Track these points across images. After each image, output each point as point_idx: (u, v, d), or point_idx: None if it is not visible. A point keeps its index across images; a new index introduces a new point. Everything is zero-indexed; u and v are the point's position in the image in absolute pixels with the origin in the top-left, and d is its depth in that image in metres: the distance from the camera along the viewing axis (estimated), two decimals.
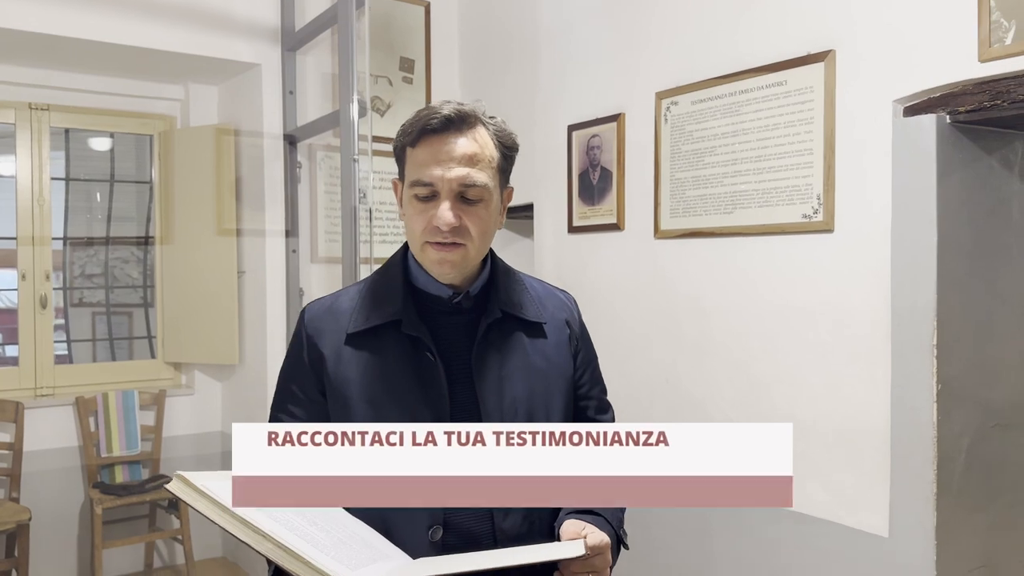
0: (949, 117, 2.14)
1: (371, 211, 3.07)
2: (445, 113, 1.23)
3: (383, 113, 3.85)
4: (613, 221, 3.11)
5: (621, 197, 3.08)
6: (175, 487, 1.06)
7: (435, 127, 1.23)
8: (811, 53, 2.41)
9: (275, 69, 3.77)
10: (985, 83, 2.02)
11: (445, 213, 1.22)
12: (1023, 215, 2.34)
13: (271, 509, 1.06)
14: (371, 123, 3.21)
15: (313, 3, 3.69)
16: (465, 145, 1.24)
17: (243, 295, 4.01)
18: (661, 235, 2.91)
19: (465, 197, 1.24)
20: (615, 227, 3.11)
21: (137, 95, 4.14)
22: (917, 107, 2.18)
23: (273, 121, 3.77)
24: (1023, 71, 1.94)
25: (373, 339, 1.30)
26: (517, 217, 3.70)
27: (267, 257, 3.79)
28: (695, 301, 2.79)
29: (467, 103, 1.27)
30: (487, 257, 1.36)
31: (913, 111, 2.18)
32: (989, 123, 2.17)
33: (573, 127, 3.29)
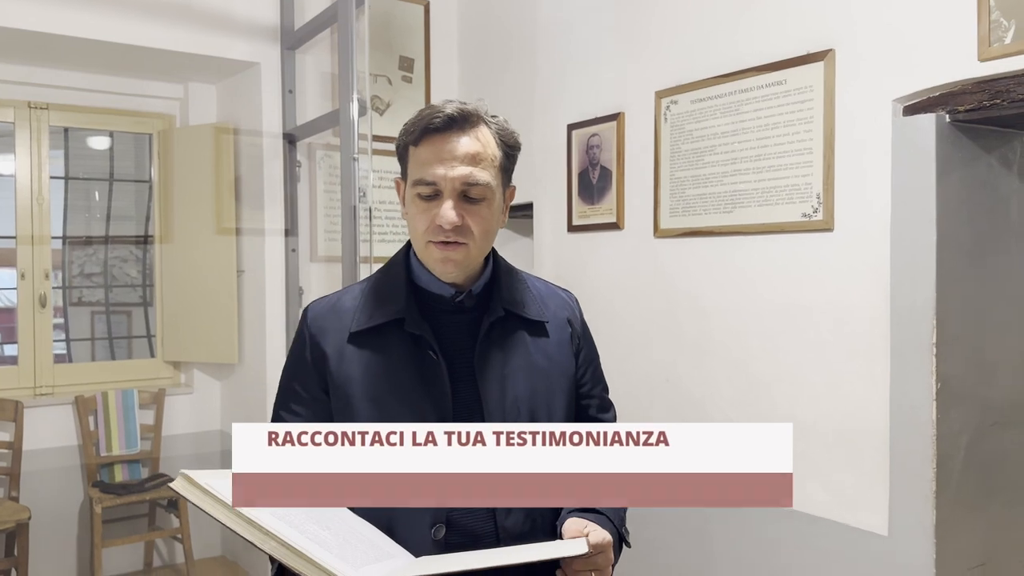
0: (948, 116, 2.15)
1: (371, 210, 3.07)
2: (448, 112, 1.23)
3: (382, 112, 3.85)
4: (613, 220, 3.11)
5: (621, 196, 3.08)
6: (179, 486, 1.06)
7: (438, 126, 1.23)
8: (811, 52, 2.41)
9: (274, 68, 3.77)
10: (984, 82, 2.03)
11: (448, 212, 1.22)
12: (1022, 214, 2.34)
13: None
14: (371, 122, 3.21)
15: (312, 2, 3.69)
16: (468, 144, 1.24)
17: (242, 294, 4.01)
18: (661, 234, 2.91)
19: (468, 196, 1.24)
20: (615, 226, 3.11)
21: (136, 94, 4.14)
22: (916, 106, 2.18)
23: (272, 120, 3.77)
24: (1022, 70, 1.94)
25: (376, 338, 1.30)
26: (516, 216, 3.70)
27: (266, 256, 3.79)
28: (695, 300, 2.80)
29: (470, 102, 1.27)
30: (489, 256, 1.36)
31: (912, 110, 2.19)
32: (988, 122, 2.17)
33: (573, 126, 3.29)
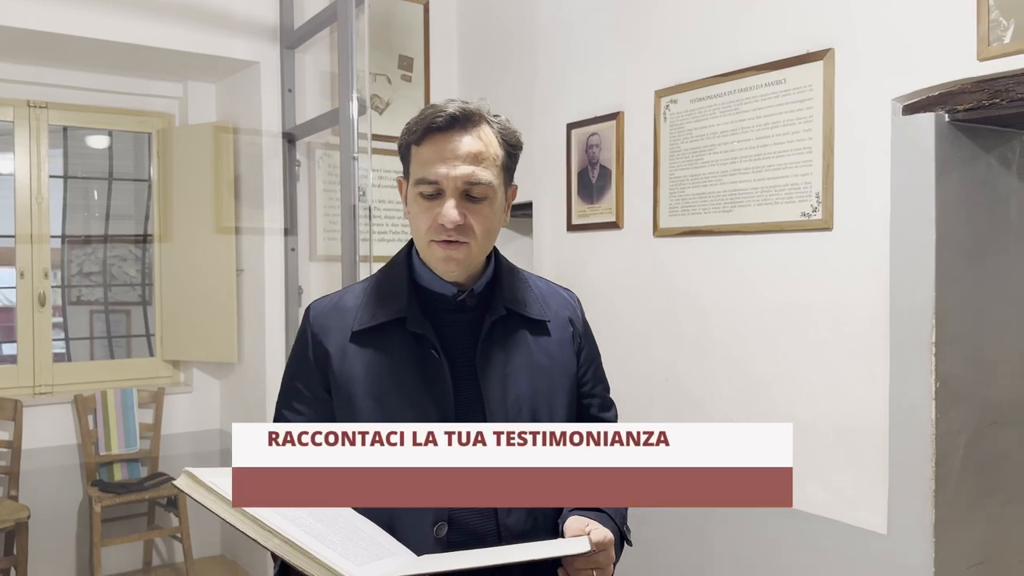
0: (948, 116, 2.15)
1: (370, 209, 3.07)
2: (450, 111, 1.24)
3: (382, 111, 3.85)
4: (612, 219, 3.12)
5: (620, 195, 3.09)
6: (183, 483, 1.07)
7: (440, 125, 1.23)
8: (810, 52, 2.41)
9: (274, 67, 3.77)
10: (983, 82, 2.03)
11: (450, 211, 1.23)
12: (1021, 213, 2.35)
13: None
14: (370, 121, 3.21)
15: (312, 1, 3.69)
16: (470, 143, 1.24)
17: (242, 293, 4.01)
18: (660, 233, 2.91)
19: (470, 195, 1.25)
20: (614, 225, 3.11)
21: (135, 93, 4.13)
22: (916, 105, 2.18)
23: (272, 119, 3.77)
24: (1021, 70, 1.95)
25: (378, 337, 1.30)
26: (516, 215, 3.70)
27: (266, 255, 3.79)
28: (694, 299, 2.80)
29: (472, 101, 1.28)
30: (491, 255, 1.36)
31: (912, 109, 2.19)
32: (987, 121, 2.18)
33: (572, 125, 3.29)
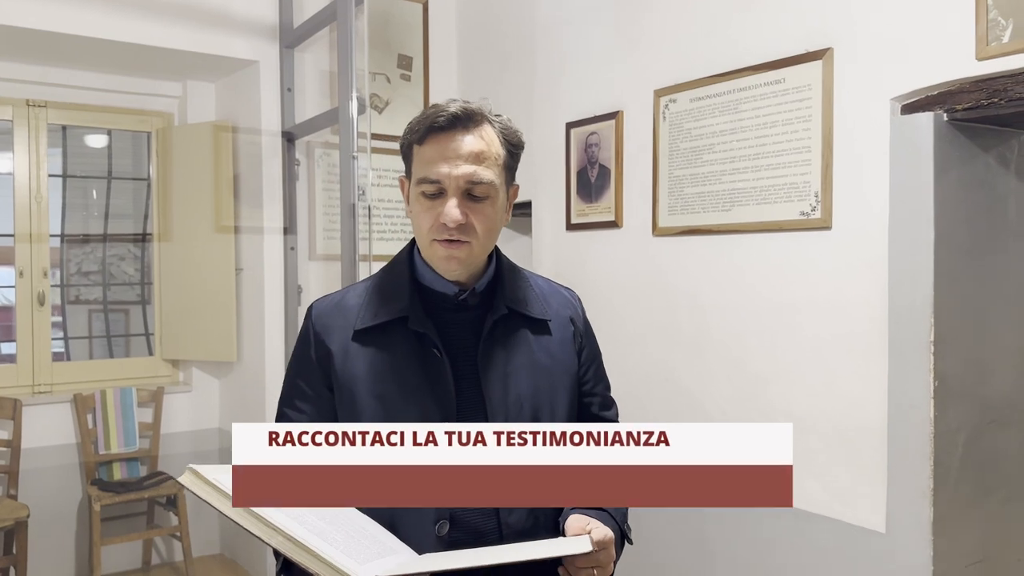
0: (946, 115, 2.16)
1: (370, 208, 3.08)
2: (452, 111, 1.24)
3: (381, 110, 3.85)
4: (611, 218, 3.12)
5: (619, 194, 3.09)
6: (187, 480, 1.07)
7: (442, 125, 1.24)
8: (809, 51, 2.42)
9: (273, 66, 3.77)
10: (982, 81, 2.04)
11: (452, 210, 1.23)
12: (1019, 212, 2.36)
13: None
14: (370, 120, 3.21)
15: (311, 0, 3.69)
16: (472, 143, 1.25)
17: (241, 292, 4.01)
18: (659, 232, 2.92)
19: (472, 194, 1.25)
20: (613, 224, 3.12)
21: (135, 92, 4.13)
22: (914, 105, 2.19)
23: (271, 118, 3.78)
24: (1020, 69, 1.95)
25: (380, 335, 1.31)
26: (515, 214, 3.71)
27: (265, 254, 3.80)
28: (693, 298, 2.80)
29: (473, 101, 1.28)
30: (493, 254, 1.37)
31: (910, 109, 2.20)
32: (986, 121, 2.18)
33: (571, 124, 3.30)
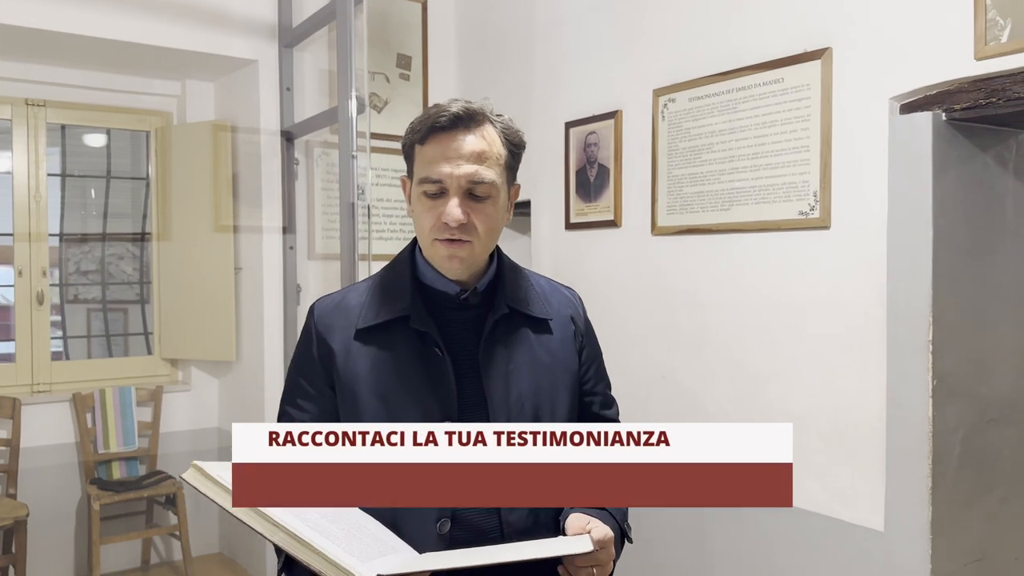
0: (945, 115, 2.16)
1: (369, 208, 3.08)
2: (454, 111, 1.25)
3: (380, 110, 3.85)
4: (610, 218, 3.13)
5: (618, 194, 3.10)
6: (191, 476, 1.08)
7: (444, 125, 1.25)
8: (808, 51, 2.42)
9: (272, 65, 3.77)
10: (980, 81, 2.04)
11: (453, 210, 1.24)
12: (1017, 211, 2.36)
13: None
14: (369, 120, 3.21)
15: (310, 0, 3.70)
16: (473, 143, 1.25)
17: (240, 291, 4.01)
18: (658, 232, 2.92)
19: (473, 194, 1.26)
20: (612, 224, 3.12)
21: (134, 91, 4.13)
22: (913, 104, 2.20)
23: (270, 117, 3.78)
24: (1018, 69, 1.96)
25: (382, 334, 1.31)
26: (515, 214, 3.70)
27: (264, 253, 3.80)
28: (692, 297, 2.81)
29: (475, 101, 1.29)
30: (494, 253, 1.37)
31: (909, 108, 2.20)
32: (984, 120, 2.19)
33: (570, 124, 3.30)
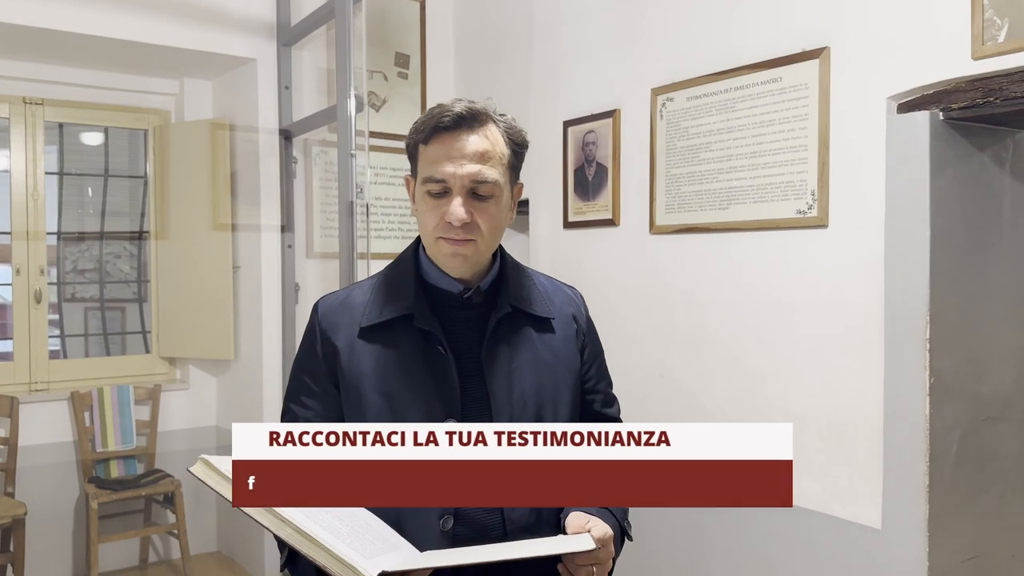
0: (942, 114, 2.17)
1: (367, 206, 3.08)
2: (457, 111, 1.25)
3: (379, 108, 3.85)
4: (608, 216, 3.13)
5: (616, 193, 3.10)
6: (198, 470, 1.08)
7: (447, 125, 1.25)
8: (806, 50, 2.43)
9: (271, 64, 3.77)
10: (978, 80, 2.05)
11: (457, 209, 1.24)
12: (1014, 211, 2.38)
13: None
14: (367, 118, 3.21)
15: None
16: (476, 142, 1.26)
17: (238, 290, 4.01)
18: (656, 230, 2.93)
19: (476, 193, 1.26)
20: (610, 222, 3.13)
21: (132, 89, 4.13)
22: (911, 104, 2.20)
23: (268, 116, 3.78)
24: (1016, 69, 1.97)
25: (386, 333, 1.32)
26: None
27: (262, 252, 3.80)
28: (690, 296, 2.82)
29: (478, 101, 1.29)
30: (497, 252, 1.38)
31: (907, 108, 2.21)
32: (981, 120, 2.20)
33: (568, 123, 3.31)
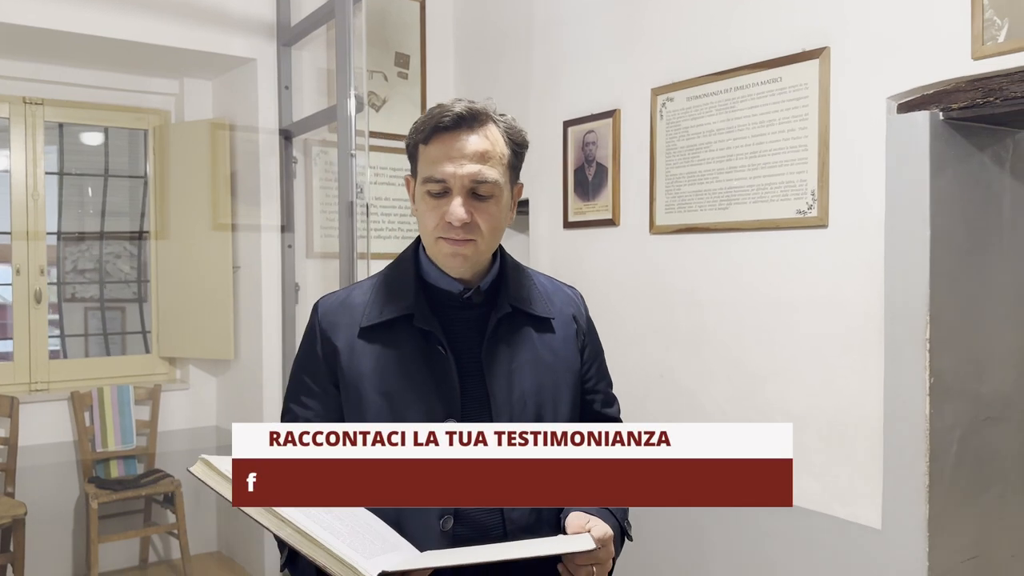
0: (942, 114, 2.17)
1: (367, 206, 3.08)
2: (457, 111, 1.25)
3: (379, 108, 3.85)
4: (608, 216, 3.13)
5: (616, 192, 3.10)
6: (199, 470, 1.08)
7: (447, 125, 1.25)
8: (806, 50, 2.43)
9: (271, 64, 3.77)
10: (978, 80, 2.05)
11: (457, 209, 1.24)
12: (1014, 210, 2.38)
13: None
14: (367, 118, 3.21)
15: None
16: (476, 142, 1.26)
17: (238, 290, 4.01)
18: (656, 230, 2.93)
19: (476, 193, 1.26)
20: (610, 222, 3.13)
21: (132, 89, 4.13)
22: (911, 104, 2.20)
23: (268, 116, 3.78)
24: (1015, 69, 1.97)
25: (386, 333, 1.32)
26: None
27: (262, 252, 3.80)
28: (690, 296, 2.82)
29: (478, 101, 1.29)
30: (497, 252, 1.38)
31: (907, 108, 2.21)
32: (981, 120, 2.20)
33: (568, 123, 3.31)
